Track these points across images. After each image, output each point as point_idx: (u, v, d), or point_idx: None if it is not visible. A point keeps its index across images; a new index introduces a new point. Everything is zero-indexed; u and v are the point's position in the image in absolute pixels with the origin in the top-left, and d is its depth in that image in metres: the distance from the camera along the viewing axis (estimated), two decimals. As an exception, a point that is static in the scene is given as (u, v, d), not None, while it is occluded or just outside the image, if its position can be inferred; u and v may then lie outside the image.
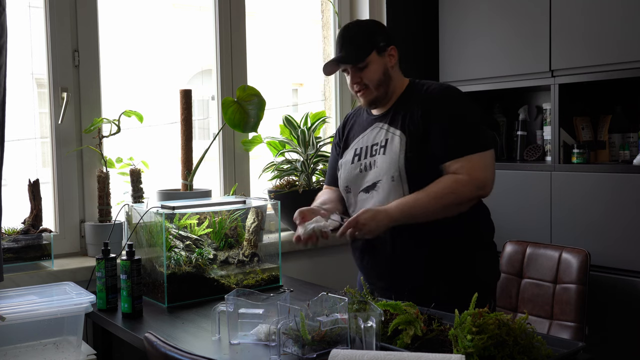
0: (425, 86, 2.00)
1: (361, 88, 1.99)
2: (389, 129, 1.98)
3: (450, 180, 1.87)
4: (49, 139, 2.45)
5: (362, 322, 1.47)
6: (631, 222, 2.46)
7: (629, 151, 2.71)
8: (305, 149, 2.82)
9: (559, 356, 1.43)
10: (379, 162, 1.96)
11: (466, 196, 1.88)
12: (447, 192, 1.86)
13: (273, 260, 2.36)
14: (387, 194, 1.93)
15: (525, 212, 2.80)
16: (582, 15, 2.60)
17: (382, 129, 2.01)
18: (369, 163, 2.00)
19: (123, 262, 1.98)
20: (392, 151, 1.94)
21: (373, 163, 1.98)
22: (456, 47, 3.11)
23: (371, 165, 1.99)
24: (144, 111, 2.49)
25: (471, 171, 1.87)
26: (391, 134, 1.97)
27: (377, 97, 1.99)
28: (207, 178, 2.80)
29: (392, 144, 1.95)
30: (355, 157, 2.06)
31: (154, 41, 3.26)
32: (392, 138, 1.96)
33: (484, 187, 1.90)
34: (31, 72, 2.55)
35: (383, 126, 2.01)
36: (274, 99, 3.08)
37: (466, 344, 1.35)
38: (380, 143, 1.99)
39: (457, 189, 1.86)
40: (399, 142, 1.93)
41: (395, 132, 1.96)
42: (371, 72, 1.96)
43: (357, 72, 1.97)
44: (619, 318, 2.52)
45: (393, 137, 1.96)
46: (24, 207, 2.31)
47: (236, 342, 1.68)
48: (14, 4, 2.32)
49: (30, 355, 1.81)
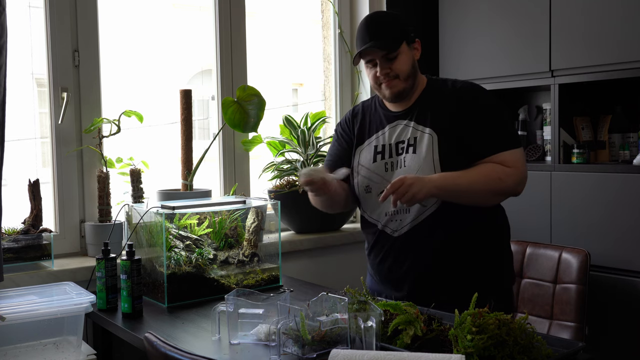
0: (450, 82, 1.97)
1: (389, 79, 1.92)
2: (417, 127, 1.92)
3: (499, 168, 1.85)
4: (49, 139, 2.45)
5: (362, 322, 1.47)
6: (631, 222, 2.46)
7: (629, 151, 2.71)
8: (305, 149, 2.82)
9: (559, 356, 1.43)
10: (408, 161, 1.91)
11: (509, 187, 1.86)
12: (494, 177, 1.84)
13: (273, 260, 2.36)
14: None
15: (525, 212, 2.80)
16: (582, 15, 2.60)
17: (408, 127, 1.95)
18: (395, 162, 1.94)
19: (123, 262, 1.98)
20: (422, 150, 1.89)
21: (401, 162, 1.92)
22: (456, 47, 3.11)
23: (399, 164, 1.93)
24: (144, 111, 2.48)
25: (517, 164, 1.87)
26: (420, 132, 1.91)
27: (404, 88, 1.93)
28: (207, 178, 2.80)
29: (421, 142, 1.90)
30: (377, 155, 1.98)
31: (154, 41, 3.26)
32: (421, 136, 1.90)
33: (523, 182, 1.89)
34: (31, 72, 2.55)
35: (408, 123, 1.95)
36: (274, 99, 3.08)
37: (466, 344, 1.35)
38: (409, 141, 1.92)
39: (504, 177, 1.84)
40: (430, 141, 1.88)
41: (424, 130, 1.91)
42: (401, 63, 1.90)
43: (386, 62, 1.90)
44: (619, 318, 2.52)
45: (422, 135, 1.90)
46: (24, 207, 2.31)
47: (236, 342, 1.68)
48: (14, 4, 2.32)
49: (30, 355, 1.81)
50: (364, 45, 1.90)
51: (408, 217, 1.91)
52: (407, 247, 1.93)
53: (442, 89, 1.96)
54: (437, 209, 1.88)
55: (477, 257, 1.93)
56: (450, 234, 1.90)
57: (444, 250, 1.91)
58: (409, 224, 1.91)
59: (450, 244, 1.90)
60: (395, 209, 1.91)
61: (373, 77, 1.96)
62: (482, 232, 1.94)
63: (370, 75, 1.97)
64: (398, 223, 1.93)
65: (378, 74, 1.93)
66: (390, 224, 1.95)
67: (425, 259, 1.92)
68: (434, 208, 1.88)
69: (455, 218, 1.89)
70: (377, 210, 1.98)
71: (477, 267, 1.92)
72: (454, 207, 1.87)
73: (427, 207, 1.89)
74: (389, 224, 1.95)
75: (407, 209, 1.91)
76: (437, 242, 1.90)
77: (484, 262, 1.94)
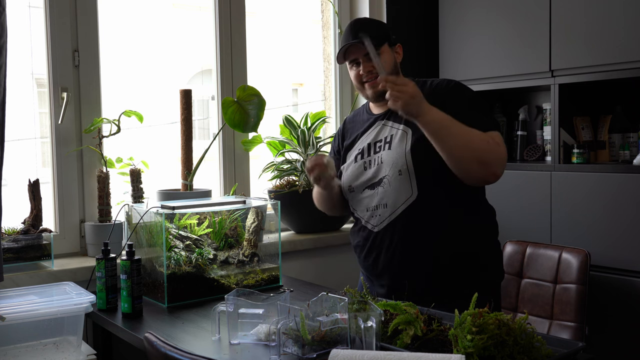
0: (429, 82, 2.01)
1: (371, 78, 1.98)
2: (394, 125, 1.98)
3: (488, 135, 1.85)
4: (49, 139, 2.45)
5: (362, 322, 1.47)
6: (631, 222, 2.46)
7: (629, 151, 2.71)
8: (305, 149, 2.82)
9: (559, 356, 1.42)
10: (384, 157, 1.95)
11: (491, 158, 1.85)
12: (483, 140, 1.83)
13: (273, 260, 2.36)
14: (394, 188, 1.92)
15: (525, 212, 2.80)
16: (582, 15, 2.60)
17: (386, 126, 2.00)
18: (373, 160, 1.99)
19: (123, 262, 1.98)
20: (396, 145, 1.93)
21: (378, 159, 1.98)
22: (456, 47, 3.11)
23: (376, 161, 1.98)
24: (144, 111, 2.49)
25: (500, 143, 1.87)
26: (395, 129, 1.97)
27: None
28: (207, 178, 2.80)
29: (396, 138, 1.95)
30: (358, 156, 2.05)
31: (154, 41, 3.26)
32: (395, 133, 1.96)
33: (503, 164, 1.88)
34: (31, 72, 2.56)
35: (386, 122, 2.01)
36: (274, 99, 3.09)
37: (466, 344, 1.35)
38: (385, 139, 1.98)
39: (490, 146, 1.84)
40: (403, 136, 1.93)
41: (398, 127, 1.96)
42: (383, 62, 1.94)
43: (368, 61, 1.96)
44: (619, 318, 2.52)
45: (397, 131, 1.96)
46: (24, 207, 2.31)
47: (236, 342, 1.68)
48: (14, 4, 2.32)
49: (30, 355, 1.81)
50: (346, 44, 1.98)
51: (386, 212, 1.95)
52: (387, 242, 1.96)
53: (421, 89, 1.97)
54: (414, 202, 1.91)
55: (457, 250, 1.93)
56: (428, 228, 1.91)
57: (422, 244, 1.92)
58: (387, 218, 1.95)
59: (428, 237, 1.92)
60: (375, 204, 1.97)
61: (356, 76, 2.02)
62: (461, 226, 1.94)
63: (354, 75, 2.04)
64: (378, 218, 1.97)
65: (361, 72, 1.99)
66: (372, 220, 1.99)
67: (403, 253, 1.94)
68: (411, 201, 1.91)
69: (432, 212, 1.91)
70: (361, 206, 2.03)
71: (457, 260, 1.93)
72: (432, 200, 1.90)
73: None
74: (370, 220, 2.00)
75: (384, 204, 1.94)
76: (412, 237, 1.92)
77: (463, 255, 1.94)
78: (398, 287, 1.92)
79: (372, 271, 2.03)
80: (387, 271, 1.98)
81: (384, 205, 1.95)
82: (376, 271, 2.01)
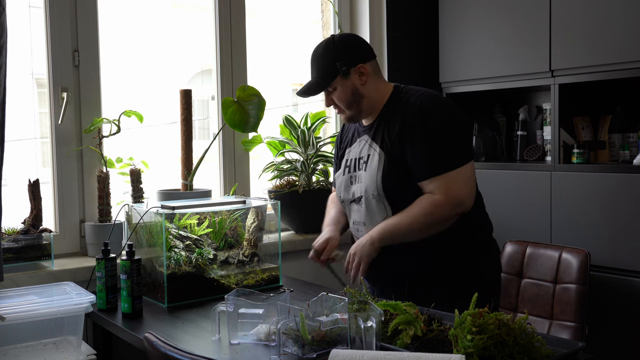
0: (407, 96, 1.98)
1: (336, 108, 2.04)
2: (372, 145, 2.00)
3: (427, 202, 1.87)
4: (49, 139, 2.45)
5: (362, 322, 1.47)
6: (631, 222, 2.46)
7: (629, 151, 2.71)
8: (305, 149, 2.82)
9: (559, 356, 1.43)
10: (362, 177, 2.00)
11: (443, 216, 1.89)
12: (424, 215, 1.87)
13: (273, 260, 2.36)
14: (370, 209, 1.98)
15: (525, 212, 2.80)
16: (582, 15, 2.60)
17: (367, 143, 2.03)
18: (356, 176, 2.04)
19: (123, 262, 1.98)
20: (371, 169, 1.96)
21: (358, 178, 2.03)
22: (456, 47, 3.11)
23: (357, 179, 2.03)
24: (144, 111, 2.49)
25: (448, 191, 1.86)
26: (373, 149, 1.99)
27: (351, 115, 2.03)
28: (207, 178, 2.80)
29: (372, 161, 1.97)
30: (346, 169, 2.10)
31: (154, 41, 3.26)
32: (372, 155, 1.98)
33: (462, 204, 1.89)
34: (31, 72, 2.56)
35: (367, 139, 2.03)
36: (274, 99, 3.09)
37: (466, 344, 1.35)
38: (364, 158, 2.02)
39: (434, 211, 1.87)
40: (377, 161, 1.95)
41: (376, 148, 1.98)
42: (339, 95, 1.99)
43: (328, 95, 2.02)
44: (619, 318, 2.52)
45: (374, 154, 1.98)
46: (24, 207, 2.31)
47: (236, 342, 1.68)
48: (14, 4, 2.32)
49: (30, 355, 1.81)
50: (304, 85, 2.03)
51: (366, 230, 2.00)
52: None
53: (399, 103, 1.99)
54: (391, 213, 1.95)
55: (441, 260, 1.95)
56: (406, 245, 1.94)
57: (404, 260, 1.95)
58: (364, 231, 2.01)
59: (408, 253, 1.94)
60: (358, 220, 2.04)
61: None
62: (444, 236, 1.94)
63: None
64: (362, 233, 2.03)
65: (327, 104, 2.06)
66: (358, 233, 2.07)
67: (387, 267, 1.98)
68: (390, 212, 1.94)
69: None
70: (351, 218, 2.11)
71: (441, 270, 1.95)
72: None
73: None
74: (357, 233, 2.08)
75: (363, 222, 2.02)
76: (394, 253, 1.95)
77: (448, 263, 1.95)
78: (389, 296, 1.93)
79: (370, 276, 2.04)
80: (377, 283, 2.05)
81: (363, 224, 2.02)
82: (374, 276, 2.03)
